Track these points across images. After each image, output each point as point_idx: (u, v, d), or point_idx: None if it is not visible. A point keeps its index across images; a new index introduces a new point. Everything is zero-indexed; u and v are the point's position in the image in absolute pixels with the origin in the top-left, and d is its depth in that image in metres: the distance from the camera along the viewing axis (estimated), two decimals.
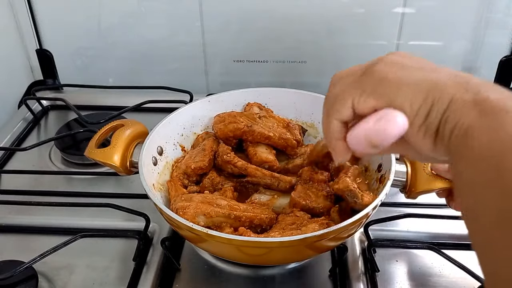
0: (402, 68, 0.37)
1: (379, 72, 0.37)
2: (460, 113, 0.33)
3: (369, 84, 0.37)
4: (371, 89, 0.37)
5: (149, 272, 0.62)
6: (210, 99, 0.76)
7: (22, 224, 0.71)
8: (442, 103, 0.34)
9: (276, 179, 0.66)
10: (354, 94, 0.38)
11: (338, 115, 0.40)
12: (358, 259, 0.64)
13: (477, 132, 0.32)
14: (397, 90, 0.36)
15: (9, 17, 1.00)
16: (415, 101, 0.35)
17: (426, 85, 0.35)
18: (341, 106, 0.39)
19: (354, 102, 0.38)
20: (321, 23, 0.97)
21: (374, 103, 0.37)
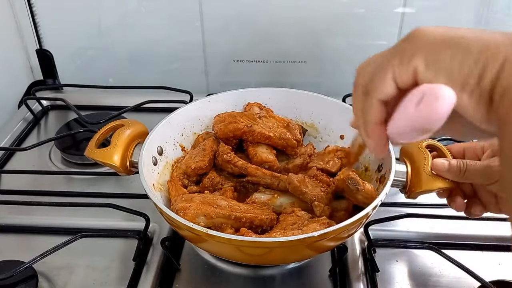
0: (447, 29, 0.33)
1: (419, 33, 0.33)
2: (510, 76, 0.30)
3: (409, 47, 0.33)
4: (411, 51, 0.33)
5: (149, 272, 0.62)
6: (210, 99, 0.76)
7: (22, 224, 0.71)
8: (495, 64, 0.30)
9: (276, 178, 0.66)
10: (393, 63, 0.34)
11: (379, 94, 0.35)
12: (358, 259, 0.64)
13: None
14: (443, 49, 0.32)
15: (9, 17, 1.00)
16: (465, 63, 0.31)
17: (477, 45, 0.31)
18: (380, 82, 0.34)
19: (395, 73, 0.34)
20: (321, 23, 0.97)
21: (414, 67, 0.33)
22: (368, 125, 0.37)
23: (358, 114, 0.38)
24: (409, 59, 0.33)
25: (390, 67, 0.34)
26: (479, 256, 0.65)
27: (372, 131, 0.36)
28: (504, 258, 0.65)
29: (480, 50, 0.31)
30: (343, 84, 1.00)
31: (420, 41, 0.33)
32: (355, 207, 0.63)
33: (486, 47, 0.31)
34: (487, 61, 0.31)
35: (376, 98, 0.35)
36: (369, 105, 0.36)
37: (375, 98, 0.35)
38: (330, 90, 0.87)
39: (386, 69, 0.34)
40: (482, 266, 0.61)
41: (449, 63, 0.31)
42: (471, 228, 0.68)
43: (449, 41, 0.32)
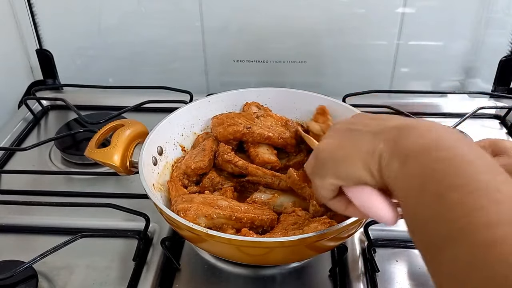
0: (337, 143, 0.43)
1: (319, 155, 0.44)
2: (388, 170, 0.37)
3: (316, 170, 0.45)
4: (324, 173, 0.43)
5: (149, 272, 0.62)
6: (210, 99, 0.76)
7: (22, 224, 0.71)
8: (375, 167, 0.39)
9: (277, 178, 0.66)
10: (315, 181, 0.45)
11: (322, 196, 0.46)
12: (358, 259, 0.64)
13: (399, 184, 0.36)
14: (345, 168, 0.41)
15: (9, 17, 1.00)
16: (359, 174, 0.40)
17: (359, 157, 0.40)
18: (317, 194, 0.46)
19: (318, 188, 0.45)
20: (321, 23, 0.97)
21: (336, 183, 0.43)
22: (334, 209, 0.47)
23: None
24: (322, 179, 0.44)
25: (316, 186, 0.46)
26: None
27: (339, 210, 0.46)
28: None
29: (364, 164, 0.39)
30: (343, 84, 1.01)
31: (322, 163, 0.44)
32: None
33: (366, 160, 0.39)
34: (370, 163, 0.39)
35: (326, 202, 0.47)
36: (331, 206, 0.47)
37: (326, 201, 0.47)
38: (330, 90, 0.87)
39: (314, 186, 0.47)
40: None
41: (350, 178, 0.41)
42: None
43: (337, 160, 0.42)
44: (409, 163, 0.35)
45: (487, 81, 1.02)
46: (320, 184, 0.44)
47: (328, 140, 0.44)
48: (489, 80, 1.01)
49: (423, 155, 0.35)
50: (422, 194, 0.33)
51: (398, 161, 0.36)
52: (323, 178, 0.43)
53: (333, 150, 0.42)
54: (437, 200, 0.32)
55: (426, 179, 0.33)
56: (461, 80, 1.04)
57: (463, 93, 1.01)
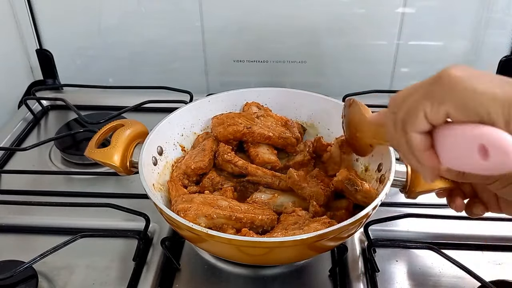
0: (474, 77, 0.36)
1: (449, 79, 0.36)
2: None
3: (440, 92, 0.37)
4: (442, 97, 0.36)
5: (149, 272, 0.62)
6: (210, 99, 0.76)
7: (22, 224, 0.71)
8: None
9: (277, 177, 0.66)
10: (424, 105, 0.38)
11: (415, 128, 0.39)
12: (358, 259, 0.64)
13: None
14: (472, 99, 0.35)
15: (9, 17, 1.00)
16: (492, 111, 0.34)
17: (503, 97, 0.34)
18: (415, 118, 0.38)
19: (426, 112, 0.38)
20: (321, 23, 0.97)
21: (447, 111, 0.36)
22: (417, 154, 0.40)
23: (402, 146, 0.41)
24: (439, 105, 0.37)
25: (422, 110, 0.38)
26: (479, 256, 0.65)
27: (421, 158, 0.40)
28: (504, 258, 0.65)
29: (504, 105, 0.34)
30: (343, 84, 1.01)
31: (450, 86, 0.36)
32: (355, 207, 0.63)
33: (510, 102, 0.34)
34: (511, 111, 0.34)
35: (413, 131, 0.39)
36: (411, 138, 0.39)
37: (412, 131, 0.39)
38: (330, 90, 0.87)
39: (418, 111, 0.38)
40: (482, 266, 0.61)
41: (478, 112, 0.35)
42: (471, 228, 0.68)
43: (475, 90, 0.35)
44: None
45: None
46: (425, 111, 0.38)
47: (460, 68, 0.37)
48: None
49: None
50: None
51: None
52: (432, 104, 0.37)
53: (469, 78, 0.36)
54: None
55: None
56: None
57: None
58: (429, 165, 0.40)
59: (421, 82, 0.40)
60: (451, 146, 0.38)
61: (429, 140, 0.39)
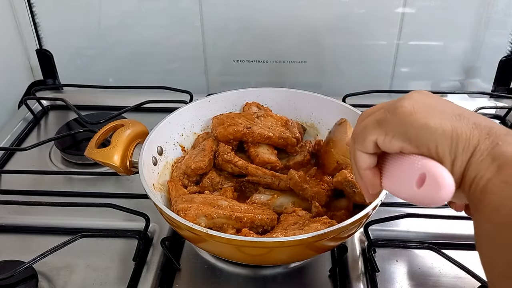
0: (428, 111, 0.38)
1: (405, 113, 0.38)
2: (479, 167, 0.35)
3: (394, 125, 0.38)
4: (396, 130, 0.38)
5: (149, 272, 0.62)
6: (210, 99, 0.76)
7: (22, 224, 0.71)
8: (466, 154, 0.36)
9: (276, 178, 0.66)
10: (378, 133, 0.40)
11: (362, 148, 0.41)
12: (358, 259, 0.64)
13: (493, 188, 0.34)
14: (425, 135, 0.37)
15: (9, 17, 1.00)
16: (441, 149, 0.36)
17: (451, 135, 0.36)
18: (363, 140, 0.41)
19: (378, 140, 0.40)
20: (321, 23, 0.97)
21: (400, 145, 0.38)
22: (359, 170, 0.43)
23: (351, 160, 0.44)
24: (392, 138, 0.39)
25: (374, 136, 0.40)
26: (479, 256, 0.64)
27: (362, 175, 0.43)
28: None
29: (454, 141, 0.36)
30: (343, 84, 1.01)
31: (404, 122, 0.38)
32: (355, 206, 0.63)
33: (458, 139, 0.36)
34: (458, 151, 0.36)
35: (358, 149, 0.42)
36: (356, 155, 0.42)
37: (360, 151, 0.42)
38: (330, 90, 0.88)
39: (369, 135, 0.40)
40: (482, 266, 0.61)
41: (427, 147, 0.37)
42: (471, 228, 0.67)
43: (428, 128, 0.37)
44: (507, 172, 0.33)
45: (487, 81, 1.02)
46: (377, 138, 0.40)
47: (413, 98, 0.39)
48: (489, 80, 1.01)
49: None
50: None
51: (495, 164, 0.34)
52: (386, 134, 0.39)
53: (423, 112, 0.37)
54: None
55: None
56: (461, 80, 1.04)
57: (463, 93, 1.01)
58: (369, 183, 0.43)
59: (384, 104, 0.42)
60: (396, 171, 0.40)
61: (374, 161, 0.42)
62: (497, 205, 0.33)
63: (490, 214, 0.34)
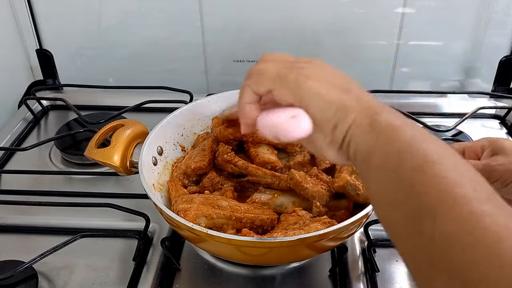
0: (324, 80, 0.42)
1: (304, 76, 0.42)
2: (359, 137, 0.39)
3: (292, 84, 0.42)
4: (292, 88, 0.42)
5: (149, 272, 0.62)
6: (210, 99, 0.76)
7: (22, 224, 0.71)
8: (344, 124, 0.40)
9: (277, 178, 0.66)
10: (275, 86, 0.43)
11: (254, 87, 0.45)
12: (358, 259, 0.64)
13: (375, 151, 0.38)
14: (315, 100, 0.41)
15: (9, 17, 1.00)
16: (326, 113, 0.41)
17: (336, 105, 0.41)
18: (259, 83, 0.44)
19: (274, 90, 0.43)
20: (321, 23, 0.97)
21: (291, 101, 0.42)
22: (241, 102, 0.46)
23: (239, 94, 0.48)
24: (287, 93, 0.42)
25: (271, 84, 0.44)
26: None
27: (242, 108, 0.46)
28: None
29: (338, 109, 0.40)
30: None
31: (302, 84, 0.42)
32: (355, 206, 0.63)
33: (342, 108, 0.40)
34: (340, 118, 0.40)
35: (249, 86, 0.45)
36: (245, 90, 0.46)
37: (250, 88, 0.45)
38: None
39: (267, 82, 0.44)
40: None
41: (315, 109, 0.41)
42: None
43: (319, 94, 0.41)
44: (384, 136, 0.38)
45: (487, 81, 1.02)
46: (273, 90, 0.44)
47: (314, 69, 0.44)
48: (489, 80, 1.01)
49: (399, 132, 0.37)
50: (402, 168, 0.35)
51: (375, 132, 0.38)
52: (282, 89, 0.43)
53: (319, 80, 0.42)
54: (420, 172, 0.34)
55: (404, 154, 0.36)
56: (461, 80, 1.04)
57: (463, 93, 1.01)
58: (247, 115, 0.46)
59: (289, 58, 0.46)
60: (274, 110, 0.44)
61: (257, 99, 0.45)
62: (380, 163, 0.37)
63: (377, 172, 0.37)
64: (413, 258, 0.35)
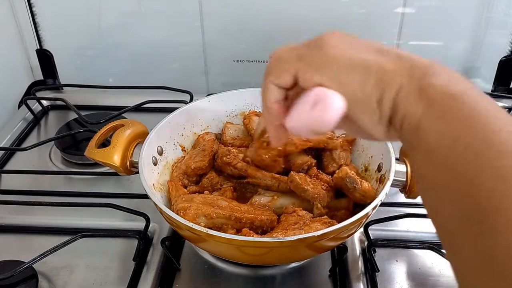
0: (351, 47, 0.36)
1: (328, 48, 0.36)
2: (407, 103, 0.32)
3: (317, 59, 0.36)
4: (318, 65, 0.36)
5: (149, 272, 0.62)
6: (210, 99, 0.76)
7: (22, 224, 0.71)
8: (391, 90, 0.33)
9: (276, 180, 0.66)
10: (299, 66, 0.37)
11: (276, 80, 0.39)
12: (358, 259, 0.64)
13: (427, 126, 0.31)
14: (347, 71, 0.34)
15: (9, 17, 1.00)
16: (365, 86, 0.34)
17: (376, 69, 0.34)
18: (282, 72, 0.38)
19: (298, 73, 0.37)
20: (321, 23, 0.97)
21: (320, 80, 0.35)
22: (267, 103, 0.40)
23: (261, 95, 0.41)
24: (314, 72, 0.36)
25: (295, 68, 0.37)
26: None
27: (270, 108, 0.40)
28: None
29: (379, 75, 0.33)
30: None
31: (328, 57, 0.35)
32: (355, 206, 0.63)
33: (383, 73, 0.33)
34: (384, 87, 0.33)
35: (272, 81, 0.39)
36: (268, 86, 0.39)
37: (273, 83, 0.39)
38: None
39: (290, 67, 0.37)
40: None
41: (351, 84, 0.34)
42: None
43: (352, 62, 0.34)
44: (438, 106, 0.31)
45: (487, 81, 1.02)
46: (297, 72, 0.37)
47: (338, 36, 0.37)
48: (489, 80, 1.01)
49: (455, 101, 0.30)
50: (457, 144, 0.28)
51: (424, 98, 0.31)
52: (308, 68, 0.36)
53: (346, 49, 0.35)
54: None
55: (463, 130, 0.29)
56: None
57: None
58: (274, 116, 0.40)
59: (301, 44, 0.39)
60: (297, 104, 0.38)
61: (283, 95, 0.39)
62: (435, 146, 0.30)
63: (428, 154, 0.31)
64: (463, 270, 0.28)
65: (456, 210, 0.28)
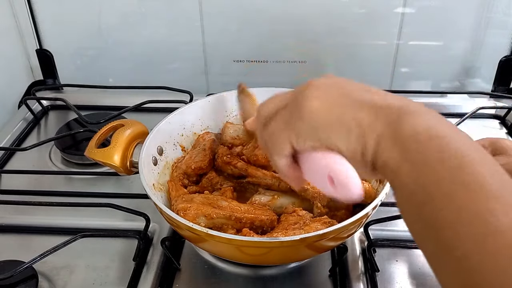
0: (331, 103, 0.39)
1: (307, 112, 0.39)
2: (385, 152, 0.35)
3: (302, 126, 0.39)
4: (305, 134, 0.39)
5: (149, 272, 0.62)
6: (210, 99, 0.76)
7: (22, 224, 0.71)
8: (369, 143, 0.36)
9: (276, 179, 0.66)
10: (290, 137, 0.40)
11: (278, 156, 0.43)
12: (358, 259, 0.64)
13: (404, 171, 0.34)
14: (333, 132, 0.38)
15: (9, 17, 1.00)
16: (350, 143, 0.37)
17: (354, 124, 0.37)
18: (281, 149, 0.42)
19: (293, 143, 0.41)
20: (321, 23, 0.97)
21: (313, 145, 0.39)
22: (280, 172, 0.44)
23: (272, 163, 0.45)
24: (304, 140, 0.40)
25: (288, 140, 0.41)
26: None
27: (286, 174, 0.44)
28: None
29: (357, 130, 0.37)
30: None
31: (310, 124, 0.39)
32: (355, 206, 0.63)
33: (360, 127, 0.37)
34: (365, 140, 0.37)
35: (280, 156, 0.43)
36: (277, 162, 0.43)
37: (279, 157, 0.43)
38: None
39: (285, 141, 0.41)
40: None
41: (339, 143, 0.38)
42: None
43: (334, 123, 0.38)
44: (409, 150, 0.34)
45: (487, 81, 1.02)
46: (291, 142, 0.41)
47: (316, 95, 0.39)
48: (489, 80, 1.01)
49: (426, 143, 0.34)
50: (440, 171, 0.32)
51: (397, 146, 0.35)
52: (299, 137, 0.40)
53: (326, 109, 0.38)
54: None
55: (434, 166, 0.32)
56: (461, 80, 1.04)
57: (463, 93, 1.01)
58: (293, 178, 0.45)
59: (285, 97, 0.43)
60: (310, 169, 0.42)
61: (291, 159, 0.43)
62: (414, 189, 0.33)
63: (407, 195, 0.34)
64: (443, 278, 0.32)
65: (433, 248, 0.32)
